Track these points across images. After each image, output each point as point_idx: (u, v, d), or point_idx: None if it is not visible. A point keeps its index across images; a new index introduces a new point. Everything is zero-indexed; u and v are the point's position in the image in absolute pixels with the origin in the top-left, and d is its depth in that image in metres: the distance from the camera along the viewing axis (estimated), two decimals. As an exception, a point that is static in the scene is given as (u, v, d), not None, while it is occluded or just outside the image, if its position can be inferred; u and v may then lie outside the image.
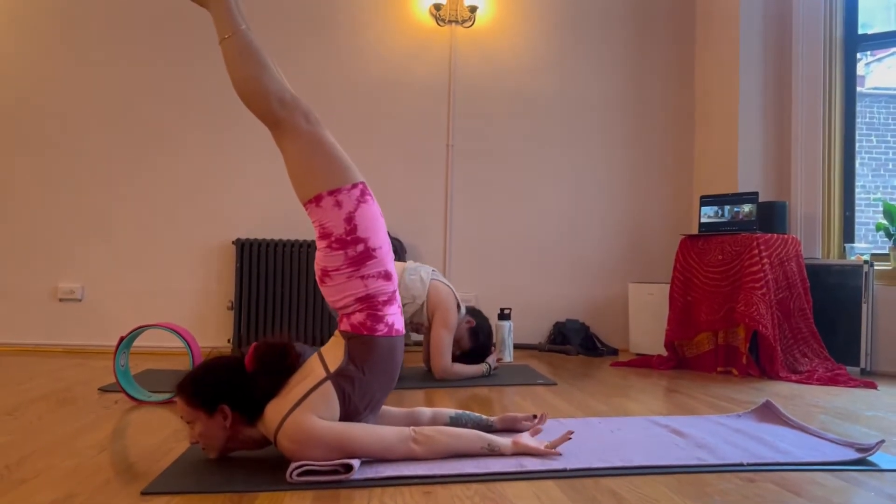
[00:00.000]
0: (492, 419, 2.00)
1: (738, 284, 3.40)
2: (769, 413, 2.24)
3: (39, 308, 3.97)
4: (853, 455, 1.78)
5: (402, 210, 4.17)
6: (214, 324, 4.04)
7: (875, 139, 5.85)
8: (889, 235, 3.59)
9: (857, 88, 3.96)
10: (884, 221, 3.62)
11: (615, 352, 4.12)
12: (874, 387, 3.03)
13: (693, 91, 4.49)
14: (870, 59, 5.95)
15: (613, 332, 4.34)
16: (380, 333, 1.69)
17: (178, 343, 2.59)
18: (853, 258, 3.70)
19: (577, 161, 4.41)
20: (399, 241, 4.08)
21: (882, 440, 1.83)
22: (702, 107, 4.42)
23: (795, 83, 3.92)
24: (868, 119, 6.00)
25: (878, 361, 3.46)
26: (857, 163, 3.92)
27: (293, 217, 3.92)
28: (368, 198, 1.72)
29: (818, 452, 1.81)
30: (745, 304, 3.32)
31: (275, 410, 1.59)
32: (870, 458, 1.76)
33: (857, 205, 3.88)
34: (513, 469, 1.63)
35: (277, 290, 3.97)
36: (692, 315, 3.57)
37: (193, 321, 3.93)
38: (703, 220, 3.80)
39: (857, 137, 3.89)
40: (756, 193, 3.64)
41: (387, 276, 1.72)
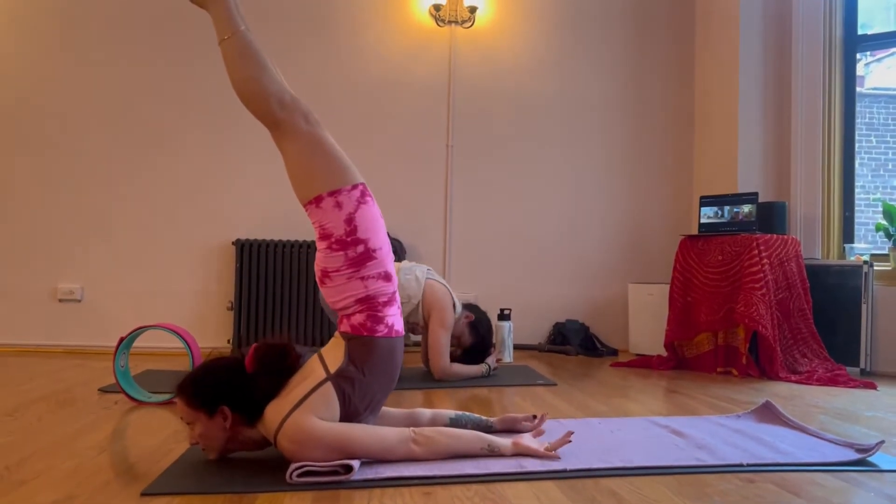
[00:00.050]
0: (492, 420, 2.00)
1: (738, 285, 3.40)
2: (769, 413, 2.24)
3: (39, 308, 3.97)
4: (853, 455, 1.78)
5: (402, 210, 4.17)
6: (214, 324, 4.04)
7: (875, 139, 5.85)
8: (889, 236, 3.59)
9: (857, 89, 3.96)
10: (883, 222, 3.62)
11: (615, 352, 4.12)
12: (874, 387, 3.03)
13: (693, 91, 4.49)
14: (869, 60, 5.94)
15: (613, 333, 4.34)
16: (380, 334, 1.69)
17: (178, 344, 2.60)
18: (853, 258, 3.70)
19: (577, 161, 4.41)
20: (399, 242, 4.08)
21: (882, 441, 1.83)
22: (701, 107, 4.42)
23: (795, 83, 3.92)
24: (868, 119, 6.00)
25: (878, 362, 3.46)
26: (857, 163, 3.92)
27: (293, 217, 3.92)
28: (368, 199, 1.72)
29: (818, 453, 1.82)
30: (745, 305, 3.32)
31: (275, 411, 1.59)
32: (869, 459, 1.76)
33: (857, 205, 3.88)
34: (512, 470, 1.63)
35: (277, 291, 3.97)
36: (692, 315, 3.58)
37: (193, 322, 3.94)
38: (703, 221, 3.80)
39: (857, 138, 3.89)
40: (756, 194, 3.64)
41: (387, 277, 1.72)
